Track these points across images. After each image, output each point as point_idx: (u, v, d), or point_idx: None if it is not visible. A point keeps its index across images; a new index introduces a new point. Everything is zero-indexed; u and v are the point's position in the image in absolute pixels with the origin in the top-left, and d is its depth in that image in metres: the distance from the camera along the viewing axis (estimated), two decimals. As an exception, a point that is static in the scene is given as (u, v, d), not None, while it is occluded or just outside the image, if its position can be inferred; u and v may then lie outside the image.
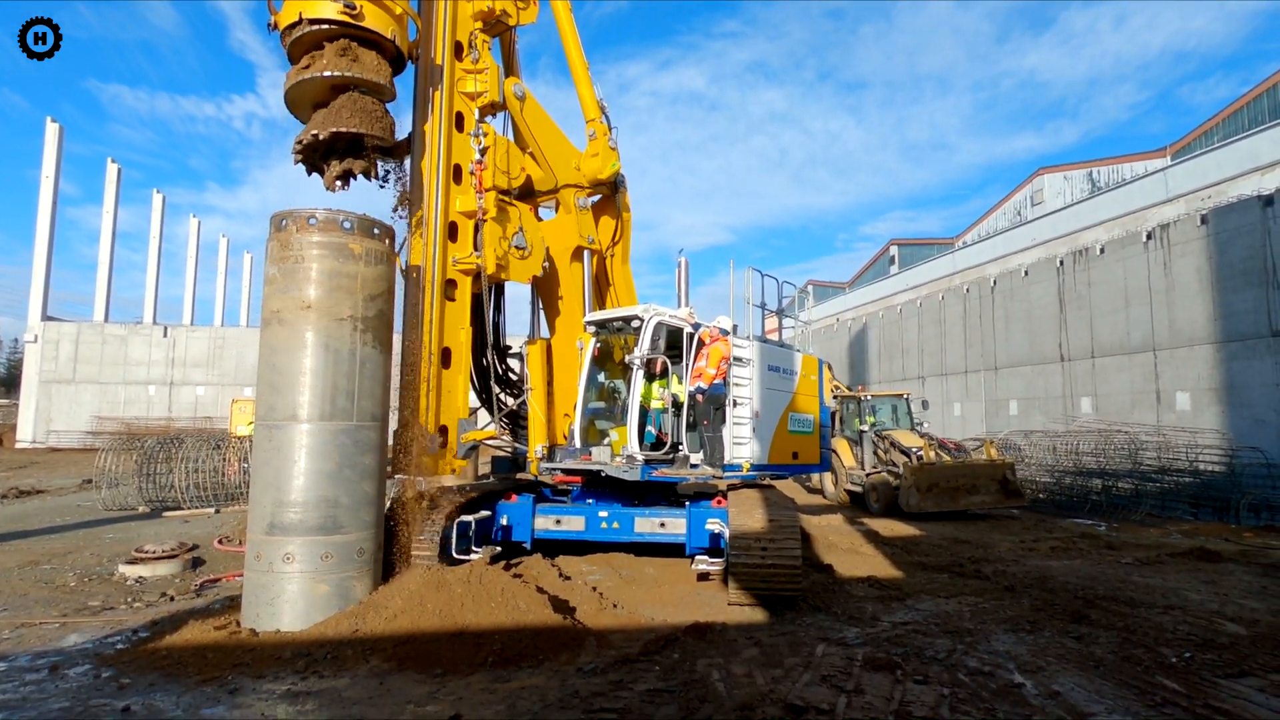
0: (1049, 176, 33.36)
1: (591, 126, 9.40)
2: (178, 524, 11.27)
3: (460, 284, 7.34)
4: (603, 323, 8.21)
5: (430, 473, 6.75)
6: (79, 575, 7.48)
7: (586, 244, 9.03)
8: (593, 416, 8.10)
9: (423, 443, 6.70)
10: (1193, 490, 13.66)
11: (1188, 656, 5.13)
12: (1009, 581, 7.66)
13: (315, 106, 6.43)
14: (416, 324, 6.92)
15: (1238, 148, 19.85)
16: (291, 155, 6.47)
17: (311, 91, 6.34)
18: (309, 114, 6.51)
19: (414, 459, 6.66)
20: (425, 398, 6.78)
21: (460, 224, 7.36)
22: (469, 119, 7.58)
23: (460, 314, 7.35)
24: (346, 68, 6.15)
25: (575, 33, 9.41)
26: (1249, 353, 14.50)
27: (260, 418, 5.60)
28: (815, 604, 6.46)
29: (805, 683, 4.46)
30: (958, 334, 24.33)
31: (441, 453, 6.92)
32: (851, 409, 16.15)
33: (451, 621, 5.14)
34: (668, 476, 7.35)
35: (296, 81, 6.20)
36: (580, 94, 9.45)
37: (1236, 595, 7.13)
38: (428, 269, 7.01)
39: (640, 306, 7.88)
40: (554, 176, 8.73)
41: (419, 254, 7.06)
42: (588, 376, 7.96)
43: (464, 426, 7.27)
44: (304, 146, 6.35)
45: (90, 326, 35.05)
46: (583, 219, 9.05)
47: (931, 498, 12.64)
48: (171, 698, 4.09)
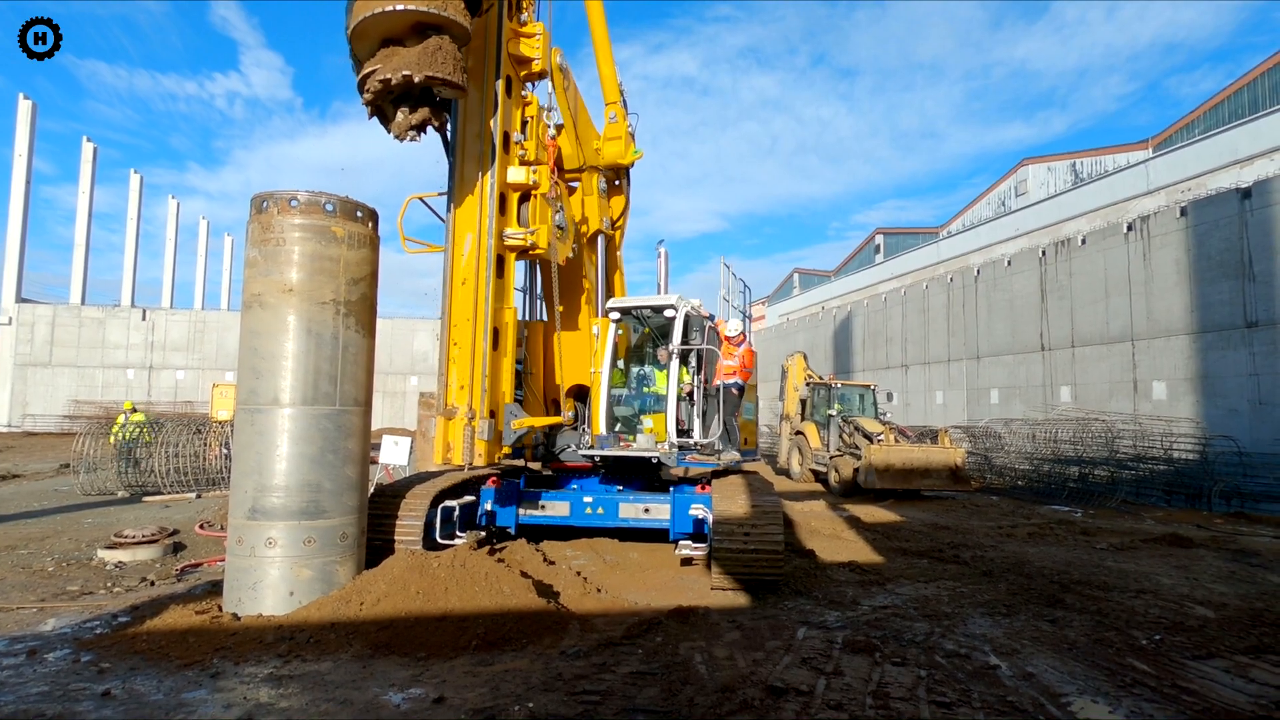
0: (1033, 167, 33.63)
1: (612, 109, 9.09)
2: (158, 509, 11.17)
3: (506, 261, 6.93)
4: (627, 310, 8.17)
5: (484, 462, 6.41)
6: (57, 560, 7.40)
7: (606, 229, 8.89)
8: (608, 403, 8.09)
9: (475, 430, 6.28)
10: (1167, 478, 13.95)
11: (1158, 639, 5.26)
12: (987, 566, 7.80)
13: (384, 43, 5.69)
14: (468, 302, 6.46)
15: (1218, 141, 20.10)
16: (363, 94, 5.76)
17: (387, 25, 5.60)
18: (371, 49, 5.72)
19: (469, 447, 6.23)
20: (479, 381, 6.35)
21: (508, 197, 6.88)
22: (516, 85, 7.11)
23: (507, 292, 6.99)
24: (441, 6, 5.51)
25: (602, 8, 8.98)
26: (1224, 343, 14.77)
27: (242, 402, 5.55)
28: (797, 588, 6.54)
29: (786, 665, 4.53)
30: (941, 323, 24.55)
31: (494, 440, 6.52)
32: (821, 395, 17.35)
33: (435, 606, 5.15)
34: (701, 462, 7.56)
35: (377, 12, 5.46)
36: (602, 73, 9.10)
37: (1206, 580, 7.31)
38: (480, 242, 6.51)
39: (674, 296, 8.00)
40: (581, 156, 8.52)
41: (466, 226, 6.59)
42: (610, 363, 7.89)
43: (510, 413, 6.83)
44: (385, 86, 5.60)
45: (67, 309, 34.45)
46: (602, 203, 8.89)
47: (888, 478, 13.63)
48: (152, 681, 4.08)
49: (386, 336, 34.90)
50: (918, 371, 25.74)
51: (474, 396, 6.35)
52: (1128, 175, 22.96)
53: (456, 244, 6.64)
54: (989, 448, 17.64)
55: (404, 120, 5.86)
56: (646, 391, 8.32)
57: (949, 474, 13.95)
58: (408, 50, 5.61)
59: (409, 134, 5.90)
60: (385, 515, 6.49)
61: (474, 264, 6.55)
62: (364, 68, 5.71)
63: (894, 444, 14.15)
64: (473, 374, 6.40)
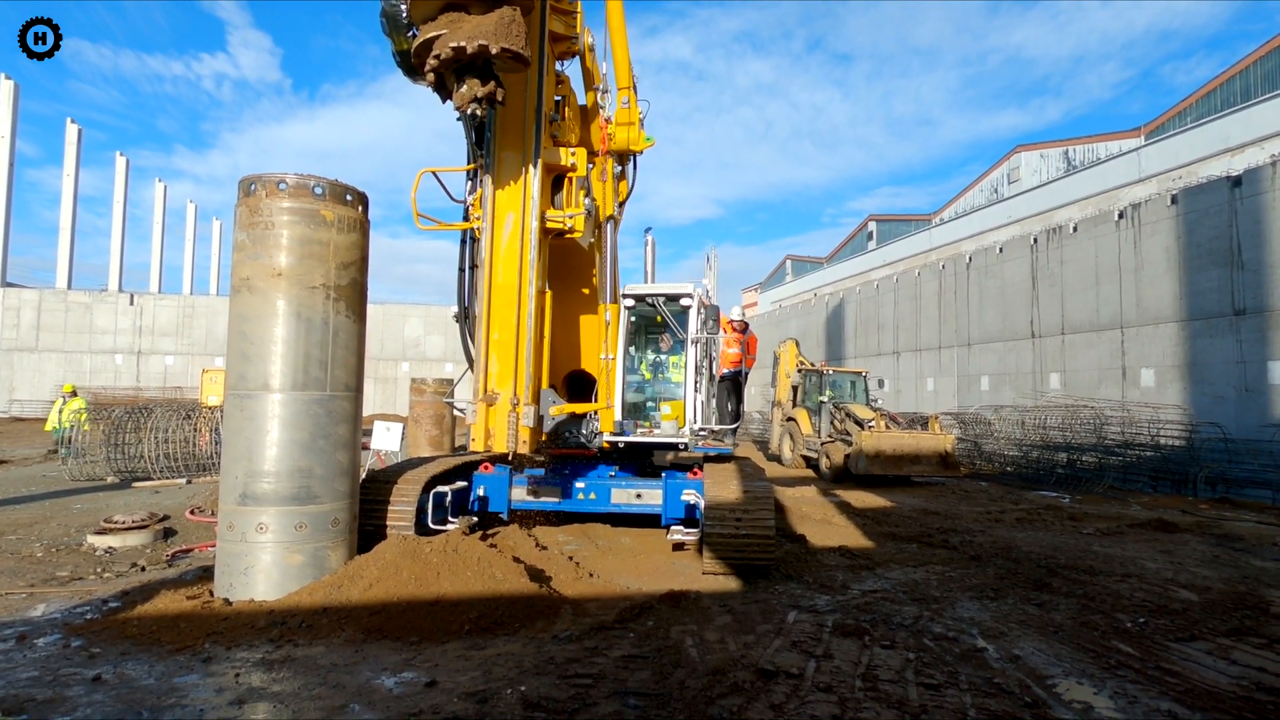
0: (1026, 154, 33.62)
1: (624, 94, 8.93)
2: (148, 494, 11.12)
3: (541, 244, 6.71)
4: (642, 297, 8.16)
5: (529, 450, 6.28)
6: (46, 546, 7.36)
7: (616, 215, 8.80)
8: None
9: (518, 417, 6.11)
10: (1153, 464, 14.10)
11: (1142, 622, 5.33)
12: (975, 551, 7.87)
13: (448, 8, 5.35)
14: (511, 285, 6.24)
15: (1209, 129, 20.15)
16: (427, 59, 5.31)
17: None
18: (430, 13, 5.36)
19: (513, 434, 6.04)
20: (523, 367, 6.18)
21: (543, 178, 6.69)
22: (550, 62, 6.87)
23: (545, 275, 6.85)
24: None
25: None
26: (1212, 331, 14.88)
27: (231, 387, 5.51)
28: (788, 573, 6.59)
29: (776, 648, 4.57)
30: (933, 310, 24.62)
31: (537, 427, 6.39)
32: (813, 382, 17.48)
33: (427, 590, 5.16)
34: (716, 447, 7.75)
35: None
36: (616, 57, 8.82)
37: (1190, 564, 7.41)
38: (524, 224, 6.32)
39: (690, 285, 8.05)
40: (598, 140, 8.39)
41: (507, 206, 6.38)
42: (624, 349, 7.91)
43: (547, 399, 6.69)
44: (456, 55, 5.21)
45: (53, 293, 34.07)
46: (614, 189, 8.76)
47: (878, 463, 13.71)
48: (143, 666, 4.07)
49: (377, 322, 34.74)
50: (909, 358, 25.85)
51: (518, 383, 6.15)
52: (1119, 163, 23.01)
53: (497, 225, 6.38)
54: (979, 434, 17.78)
55: (469, 92, 5.46)
56: (660, 378, 8.44)
57: (939, 460, 14.07)
58: (479, 19, 5.24)
59: (472, 106, 5.54)
60: (377, 501, 6.48)
61: (516, 246, 6.28)
62: (425, 31, 5.30)
63: (884, 430, 14.25)
64: (517, 360, 6.17)
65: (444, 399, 7.74)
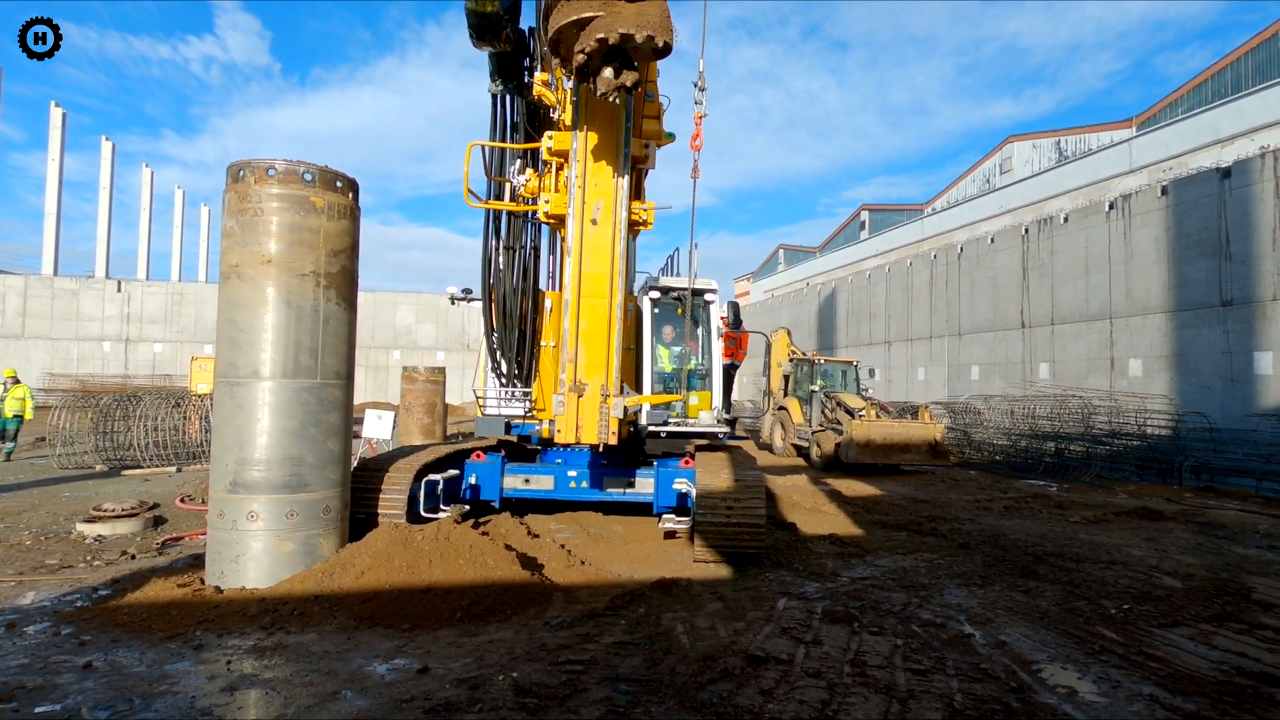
0: (1018, 145, 33.66)
1: (650, 87, 9.03)
2: (137, 482, 11.06)
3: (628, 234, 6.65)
4: (667, 290, 8.37)
5: (617, 440, 6.14)
6: (35, 534, 7.33)
7: None
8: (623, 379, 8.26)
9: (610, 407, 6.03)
10: (1140, 453, 14.25)
11: (1126, 608, 5.41)
12: (963, 539, 7.95)
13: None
14: (602, 275, 6.15)
15: (1200, 120, 20.21)
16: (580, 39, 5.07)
17: None
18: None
19: (605, 425, 5.98)
20: (612, 358, 6.13)
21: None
22: None
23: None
24: None
25: None
26: (1199, 321, 15.01)
27: (221, 375, 5.48)
28: (778, 560, 6.64)
29: (766, 635, 4.61)
30: (924, 300, 24.71)
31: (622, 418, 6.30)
32: (805, 371, 17.51)
33: (419, 578, 5.17)
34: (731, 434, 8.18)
35: None
36: None
37: (1174, 551, 7.51)
38: (615, 214, 6.23)
39: (712, 281, 8.40)
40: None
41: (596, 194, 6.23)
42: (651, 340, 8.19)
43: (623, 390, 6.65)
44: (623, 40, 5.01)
45: (39, 280, 33.70)
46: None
47: (869, 452, 13.84)
48: (134, 654, 4.07)
49: (368, 310, 34.54)
50: (900, 348, 25.96)
51: (608, 374, 6.12)
52: (1110, 154, 23.08)
53: (586, 213, 6.24)
54: (968, 423, 17.91)
55: (613, 80, 5.27)
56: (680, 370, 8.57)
57: (928, 449, 14.19)
58: (641, 7, 5.06)
59: (615, 94, 5.39)
60: (369, 489, 6.48)
61: (606, 236, 6.19)
62: (572, 7, 5.06)
63: (875, 419, 14.34)
64: (608, 350, 6.14)
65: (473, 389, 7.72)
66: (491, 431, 7.81)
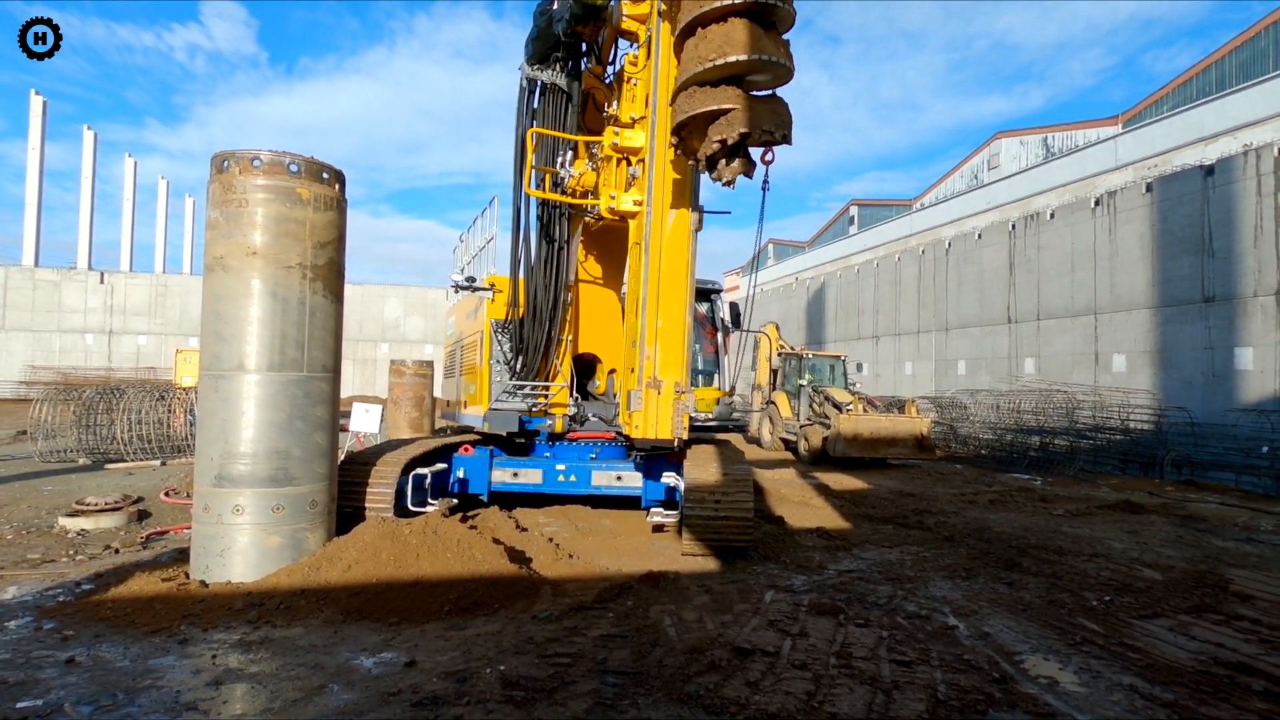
0: (1006, 141, 33.85)
1: None
2: (121, 476, 10.95)
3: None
4: None
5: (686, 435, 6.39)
6: (16, 528, 7.24)
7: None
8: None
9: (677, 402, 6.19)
10: (1123, 447, 14.43)
11: (1108, 600, 5.49)
12: (949, 532, 8.03)
13: (726, 81, 5.13)
14: (679, 275, 6.33)
15: (1185, 118, 20.38)
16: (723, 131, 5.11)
17: (745, 67, 5.01)
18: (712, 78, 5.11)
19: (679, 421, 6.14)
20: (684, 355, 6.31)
21: None
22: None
23: None
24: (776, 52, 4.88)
25: None
26: (1182, 317, 15.18)
27: (205, 367, 5.43)
28: (766, 554, 6.68)
29: (753, 627, 4.64)
30: (912, 295, 24.83)
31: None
32: (793, 365, 17.67)
33: (406, 572, 5.16)
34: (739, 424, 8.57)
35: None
36: None
37: (1155, 544, 7.62)
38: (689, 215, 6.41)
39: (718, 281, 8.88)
40: None
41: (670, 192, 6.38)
42: None
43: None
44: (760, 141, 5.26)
45: (20, 270, 33.20)
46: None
47: (856, 446, 13.93)
48: (118, 649, 4.04)
49: (356, 303, 34.31)
50: (888, 343, 26.09)
51: (680, 371, 6.28)
52: (1097, 151, 23.23)
53: (663, 211, 6.36)
54: (954, 418, 18.06)
55: (729, 171, 5.43)
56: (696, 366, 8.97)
57: (915, 443, 14.30)
58: (773, 105, 5.23)
59: (727, 183, 5.54)
60: (356, 483, 6.46)
61: (681, 234, 6.34)
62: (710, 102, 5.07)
63: (862, 414, 14.45)
64: (682, 348, 6.30)
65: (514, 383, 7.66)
66: (504, 425, 7.65)
